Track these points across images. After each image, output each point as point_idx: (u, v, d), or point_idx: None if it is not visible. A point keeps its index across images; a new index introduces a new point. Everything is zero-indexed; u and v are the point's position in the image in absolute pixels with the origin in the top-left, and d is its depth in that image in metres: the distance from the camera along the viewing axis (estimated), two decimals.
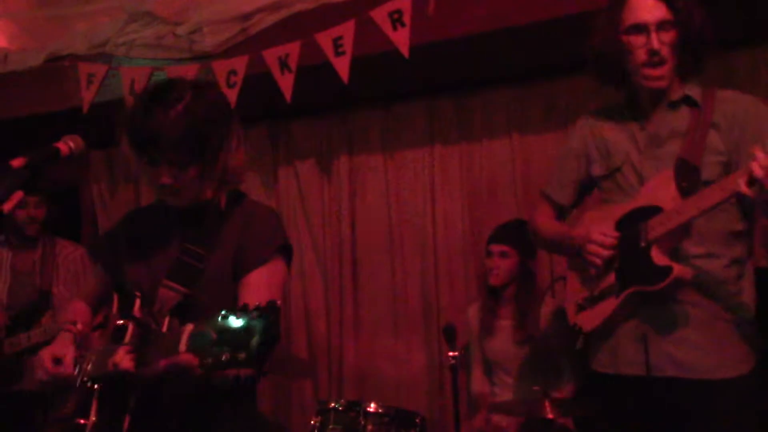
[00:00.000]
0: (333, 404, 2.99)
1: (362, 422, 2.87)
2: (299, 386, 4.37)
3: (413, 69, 3.63)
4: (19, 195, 1.76)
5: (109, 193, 4.89)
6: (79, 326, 2.01)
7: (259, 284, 1.89)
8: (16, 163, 1.76)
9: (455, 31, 3.49)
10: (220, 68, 3.72)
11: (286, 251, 1.99)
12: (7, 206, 1.74)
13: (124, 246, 2.07)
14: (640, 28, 2.24)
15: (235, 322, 1.43)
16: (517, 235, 3.49)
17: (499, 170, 4.09)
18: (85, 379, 1.87)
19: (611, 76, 2.40)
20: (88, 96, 3.93)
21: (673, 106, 2.31)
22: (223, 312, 1.46)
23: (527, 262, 3.49)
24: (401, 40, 3.42)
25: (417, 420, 2.94)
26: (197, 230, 1.96)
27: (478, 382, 3.58)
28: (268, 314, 1.43)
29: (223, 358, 1.41)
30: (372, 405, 2.92)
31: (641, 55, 2.25)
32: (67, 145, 1.88)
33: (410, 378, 4.14)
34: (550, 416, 2.75)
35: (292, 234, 4.49)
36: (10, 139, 4.53)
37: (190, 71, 3.77)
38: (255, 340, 1.40)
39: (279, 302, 1.47)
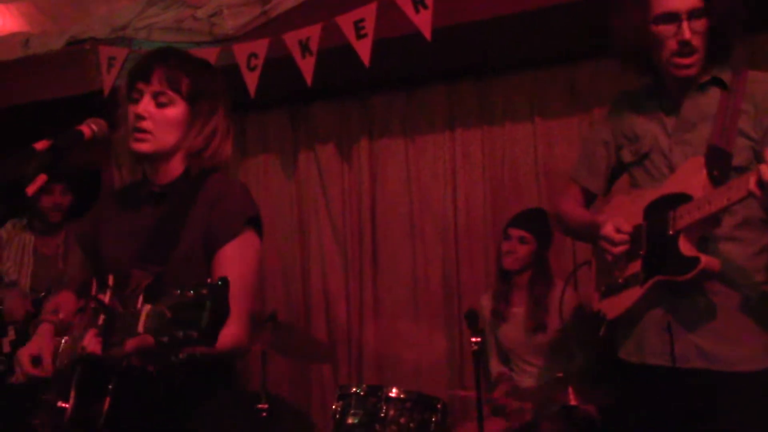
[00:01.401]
0: (354, 389, 2.98)
1: (384, 407, 2.87)
2: (318, 369, 4.37)
3: (435, 52, 3.59)
4: (42, 178, 1.76)
5: (131, 177, 4.90)
6: (61, 315, 2.01)
7: (233, 258, 1.88)
8: (40, 146, 1.75)
9: (478, 13, 3.46)
10: (241, 51, 3.70)
11: (256, 223, 1.97)
12: (31, 189, 1.74)
13: (100, 228, 2.06)
14: (671, 17, 2.18)
15: (188, 299, 1.42)
16: (537, 222, 3.47)
17: (521, 154, 4.06)
18: (62, 364, 1.86)
19: (637, 64, 2.36)
20: (108, 79, 3.93)
21: (702, 88, 2.26)
22: (177, 290, 1.45)
23: (543, 252, 3.46)
24: (424, 22, 3.39)
25: (438, 405, 2.93)
26: (169, 208, 1.95)
27: (496, 366, 3.57)
28: (218, 290, 1.41)
29: (179, 336, 1.39)
30: (393, 390, 2.91)
31: (672, 45, 2.19)
32: (90, 128, 1.88)
33: (430, 362, 4.13)
34: (573, 403, 2.73)
35: (312, 217, 4.49)
36: (32, 123, 4.56)
37: (210, 54, 3.75)
38: (206, 318, 1.38)
39: (227, 277, 1.44)
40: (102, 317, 1.79)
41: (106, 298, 1.84)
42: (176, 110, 1.95)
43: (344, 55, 3.52)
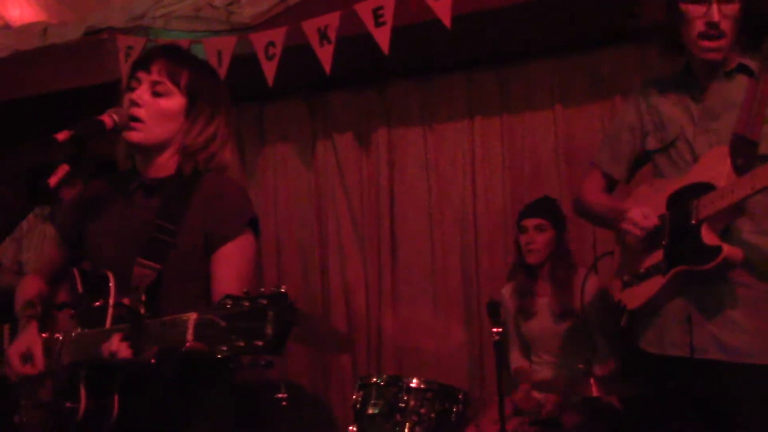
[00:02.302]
0: (375, 379, 2.97)
1: (404, 397, 2.85)
2: (337, 359, 4.37)
3: (454, 40, 3.56)
4: (64, 168, 1.75)
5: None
6: (38, 308, 1.99)
7: (232, 258, 1.88)
8: (62, 136, 1.74)
9: (498, 1, 3.42)
10: (259, 40, 3.68)
11: (254, 225, 1.97)
12: (54, 180, 1.73)
13: (86, 217, 2.02)
14: None
15: (244, 309, 1.42)
16: (549, 207, 3.44)
17: (541, 143, 4.02)
18: (66, 364, 1.85)
19: (666, 44, 2.32)
20: (126, 69, 3.91)
21: (729, 75, 2.22)
22: (227, 299, 1.45)
23: (561, 236, 3.43)
24: (443, 10, 3.35)
25: (460, 396, 2.92)
26: (164, 204, 1.92)
27: (516, 359, 3.55)
28: (278, 301, 1.41)
29: (240, 345, 1.40)
30: (414, 380, 2.89)
31: (699, 26, 2.16)
32: (112, 118, 1.87)
33: (449, 353, 4.11)
34: (596, 394, 2.71)
35: (330, 206, 4.47)
36: (50, 112, 4.57)
37: (228, 43, 3.74)
38: (270, 328, 1.39)
39: (284, 287, 1.45)
40: (111, 317, 1.80)
41: (111, 295, 1.83)
42: (172, 102, 1.93)
43: (363, 43, 3.50)
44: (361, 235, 4.38)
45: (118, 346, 1.65)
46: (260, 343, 1.39)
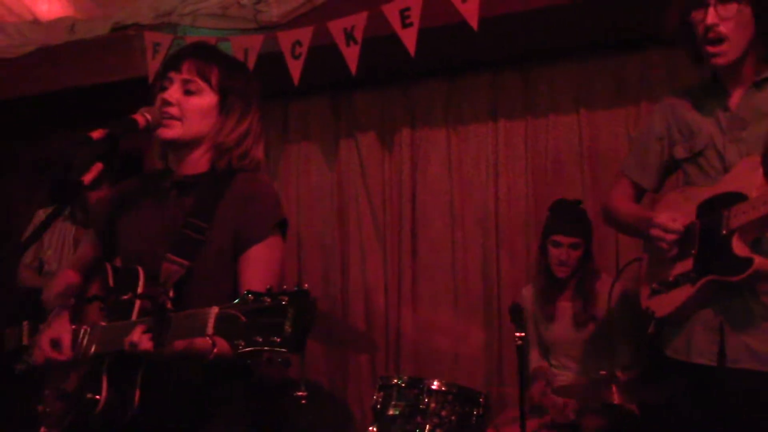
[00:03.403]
0: (395, 380, 2.97)
1: (425, 399, 2.85)
2: (356, 358, 4.38)
3: (479, 41, 3.55)
4: (98, 167, 1.77)
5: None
6: (71, 299, 2.01)
7: (260, 260, 1.89)
8: (96, 134, 1.76)
9: (525, 4, 3.41)
10: (285, 39, 3.70)
11: (282, 227, 1.98)
12: (88, 178, 1.75)
13: (119, 214, 2.05)
14: (699, 2, 2.15)
15: (265, 305, 1.42)
16: (583, 223, 3.41)
17: (565, 146, 4.00)
18: (90, 355, 1.86)
19: (690, 55, 2.31)
20: (153, 65, 3.94)
21: (758, 86, 2.20)
22: (248, 295, 1.46)
23: (590, 248, 3.42)
24: (470, 12, 3.35)
25: (480, 399, 2.91)
26: (196, 202, 1.94)
27: (536, 359, 3.54)
28: (299, 298, 1.42)
29: (257, 340, 1.41)
30: (435, 382, 2.89)
31: (701, 31, 2.15)
32: (144, 117, 1.88)
33: (468, 354, 4.11)
34: (617, 401, 2.69)
35: (352, 205, 4.48)
36: (76, 107, 4.62)
37: (255, 42, 3.76)
38: (288, 325, 1.39)
39: (306, 285, 1.46)
40: (138, 310, 1.81)
41: (139, 287, 1.85)
42: (204, 99, 1.95)
43: (388, 43, 3.51)
44: (383, 235, 4.39)
45: (139, 338, 1.67)
46: (278, 339, 1.39)
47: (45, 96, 4.41)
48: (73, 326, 1.95)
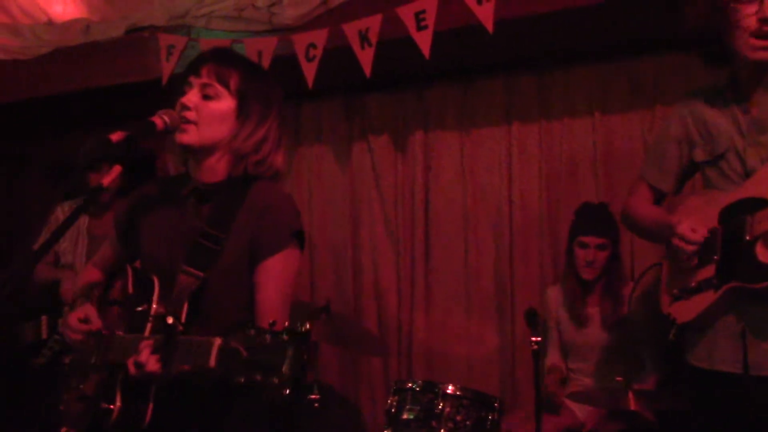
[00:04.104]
0: (410, 384, 2.96)
1: (440, 404, 2.84)
2: (368, 361, 4.36)
3: (494, 44, 3.54)
4: (117, 169, 1.77)
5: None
6: (95, 292, 2.03)
7: (275, 272, 1.88)
8: (116, 137, 1.75)
9: (541, 6, 3.39)
10: (300, 41, 3.69)
11: (299, 238, 1.97)
12: (107, 180, 1.75)
13: (139, 219, 2.04)
14: None
15: (266, 342, 1.43)
16: (610, 223, 3.39)
17: (580, 150, 3.98)
18: (106, 364, 1.87)
19: (710, 53, 2.27)
20: (167, 67, 3.95)
21: None
22: (252, 329, 1.46)
23: (617, 249, 3.39)
24: (486, 14, 3.34)
25: (495, 404, 2.90)
26: (213, 211, 1.93)
27: (554, 358, 3.52)
28: (299, 339, 1.43)
29: (257, 379, 1.42)
30: (450, 386, 2.87)
31: (751, 23, 2.11)
32: (163, 119, 1.88)
33: (481, 358, 4.09)
34: (633, 408, 2.67)
35: (364, 208, 4.47)
36: (91, 109, 4.63)
37: (269, 44, 3.75)
38: (287, 366, 1.41)
39: (309, 326, 1.47)
40: (150, 327, 1.82)
41: (153, 302, 1.85)
42: (222, 104, 1.93)
43: (403, 46, 3.49)
44: (395, 238, 4.37)
45: (146, 359, 1.67)
46: (276, 381, 1.41)
47: (59, 97, 4.41)
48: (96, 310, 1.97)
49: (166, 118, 1.88)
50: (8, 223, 5.24)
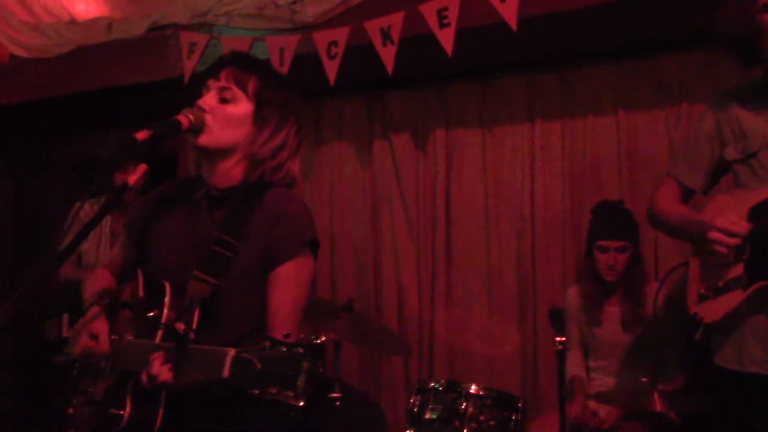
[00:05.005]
0: (432, 384, 2.94)
1: (463, 403, 2.82)
2: (389, 360, 4.35)
3: (516, 42, 3.51)
4: (143, 168, 1.76)
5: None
6: (106, 299, 2.00)
7: (289, 280, 1.86)
8: (141, 136, 1.74)
9: (565, 3, 3.36)
10: (321, 39, 3.68)
11: (313, 246, 1.95)
12: (133, 179, 1.74)
13: (153, 221, 2.02)
14: None
15: (281, 354, 1.41)
16: (630, 225, 3.36)
17: (603, 148, 3.94)
18: (116, 369, 1.86)
19: (744, 56, 2.25)
20: (189, 65, 3.95)
21: None
22: (266, 341, 1.44)
23: (638, 250, 3.36)
24: (509, 12, 3.32)
25: (519, 404, 2.87)
26: (227, 217, 1.91)
27: (575, 365, 3.48)
28: (315, 351, 1.42)
29: (272, 391, 1.40)
30: (473, 386, 2.85)
31: None
32: (188, 118, 1.87)
33: (503, 357, 4.07)
34: (659, 409, 2.64)
35: (385, 206, 4.45)
36: (114, 107, 4.65)
37: (290, 42, 3.75)
38: (302, 380, 1.39)
39: (324, 338, 1.47)
40: (161, 335, 1.79)
41: (165, 308, 1.83)
42: (239, 108, 1.92)
43: (424, 44, 3.48)
44: (416, 237, 4.36)
45: (158, 370, 1.65)
46: (291, 394, 1.39)
47: (82, 96, 4.44)
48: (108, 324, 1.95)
49: (191, 117, 1.87)
50: (30, 221, 5.29)
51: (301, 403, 1.39)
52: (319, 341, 1.47)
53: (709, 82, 3.64)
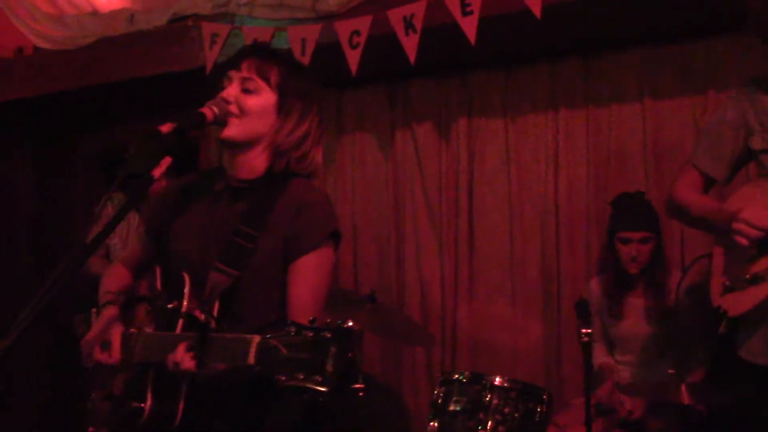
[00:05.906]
0: (457, 375, 2.92)
1: (488, 396, 2.80)
2: (411, 351, 4.34)
3: (539, 29, 3.47)
4: (167, 161, 1.75)
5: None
6: (121, 297, 2.00)
7: (310, 270, 1.86)
8: (165, 128, 1.74)
9: None
10: (343, 29, 3.65)
11: (335, 237, 1.93)
12: (157, 172, 1.74)
13: (171, 214, 2.01)
14: None
15: (307, 339, 1.38)
16: (651, 215, 3.32)
17: (629, 137, 3.89)
18: (136, 361, 1.85)
19: None
20: (211, 56, 3.94)
21: None
22: (292, 327, 1.42)
23: (661, 241, 3.32)
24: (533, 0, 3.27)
25: (544, 396, 2.85)
26: (248, 208, 1.90)
27: (600, 355, 3.46)
28: (343, 335, 1.38)
29: (299, 377, 1.37)
30: (498, 378, 2.83)
31: None
32: (212, 110, 1.86)
33: (526, 349, 4.04)
34: (687, 401, 2.61)
35: (407, 196, 4.43)
36: (136, 98, 4.66)
37: (312, 31, 3.73)
38: (331, 364, 1.35)
39: (351, 323, 1.40)
40: (182, 324, 1.79)
41: (185, 299, 1.82)
42: (262, 99, 1.91)
43: (447, 32, 3.45)
44: (439, 227, 4.33)
45: (182, 357, 1.65)
46: (319, 379, 1.35)
47: (104, 87, 4.44)
48: (122, 329, 1.95)
49: (216, 109, 1.86)
50: (53, 213, 5.32)
51: (330, 389, 1.36)
52: (346, 325, 1.42)
53: (736, 69, 3.58)
